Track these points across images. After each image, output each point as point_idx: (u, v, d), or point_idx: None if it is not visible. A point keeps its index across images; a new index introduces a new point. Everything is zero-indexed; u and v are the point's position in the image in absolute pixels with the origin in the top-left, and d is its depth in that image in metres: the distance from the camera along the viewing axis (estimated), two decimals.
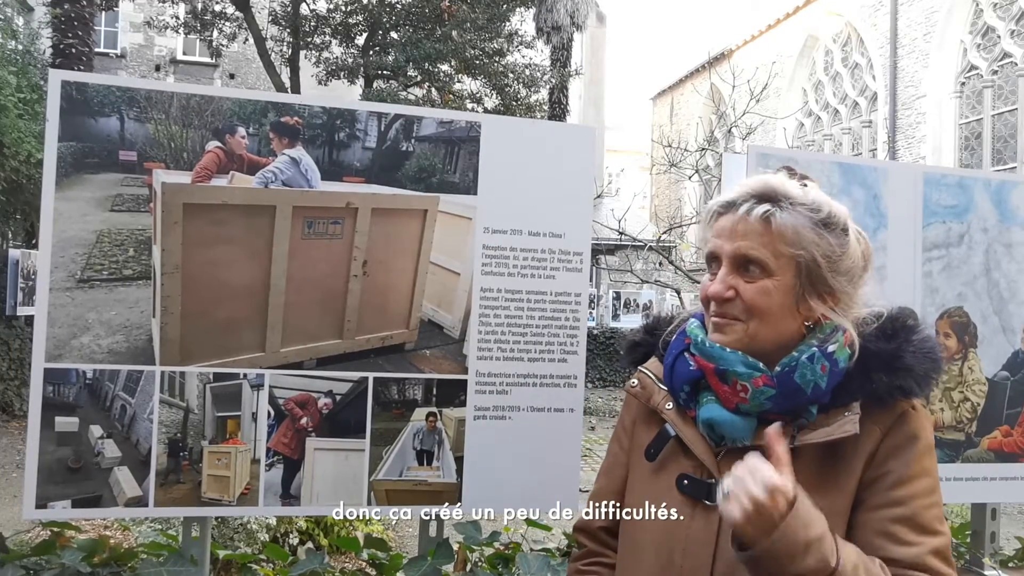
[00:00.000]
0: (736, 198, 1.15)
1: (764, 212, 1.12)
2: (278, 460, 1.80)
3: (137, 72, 20.04)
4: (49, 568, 1.74)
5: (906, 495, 1.09)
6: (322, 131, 1.85)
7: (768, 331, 1.13)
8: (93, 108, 1.73)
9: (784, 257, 1.11)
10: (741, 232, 1.13)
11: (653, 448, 1.23)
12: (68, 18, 8.77)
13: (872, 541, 1.07)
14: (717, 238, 1.16)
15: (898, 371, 1.12)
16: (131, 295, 1.73)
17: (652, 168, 17.86)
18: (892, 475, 1.10)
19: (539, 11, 15.85)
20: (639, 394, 1.29)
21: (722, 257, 1.15)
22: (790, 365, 1.11)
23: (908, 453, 1.12)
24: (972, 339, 2.22)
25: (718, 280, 1.14)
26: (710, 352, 1.15)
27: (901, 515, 1.08)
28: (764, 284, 1.12)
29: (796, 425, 1.12)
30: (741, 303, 1.12)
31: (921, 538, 1.07)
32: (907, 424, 1.13)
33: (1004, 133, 12.85)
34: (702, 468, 1.17)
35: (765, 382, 1.10)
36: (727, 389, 1.13)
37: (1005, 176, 2.43)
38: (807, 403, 1.11)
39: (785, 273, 1.12)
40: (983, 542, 2.32)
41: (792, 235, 1.11)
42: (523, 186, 1.95)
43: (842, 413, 1.11)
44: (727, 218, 1.15)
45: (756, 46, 18.72)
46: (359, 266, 1.84)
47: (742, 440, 1.13)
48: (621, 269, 9.77)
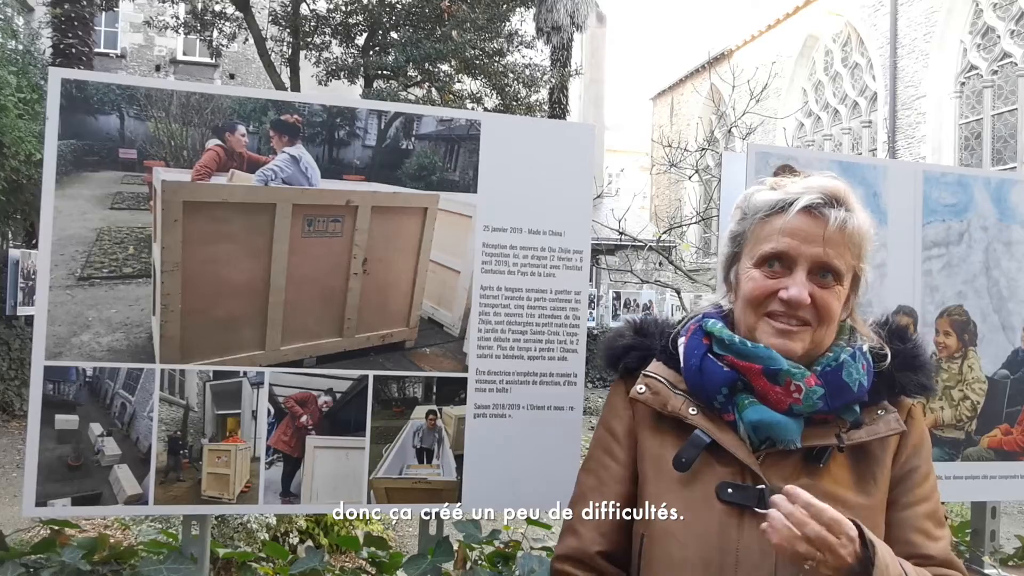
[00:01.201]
0: (812, 201, 1.09)
1: (843, 219, 1.09)
2: (278, 458, 1.80)
3: (137, 72, 20.04)
4: (49, 566, 1.74)
5: (929, 490, 1.15)
6: (322, 129, 1.85)
7: (828, 337, 1.13)
8: (93, 106, 1.73)
9: (850, 265, 1.12)
10: (825, 238, 1.09)
11: (684, 457, 1.13)
12: (68, 18, 8.78)
13: (911, 539, 1.11)
14: (790, 238, 1.10)
15: (920, 369, 1.17)
16: (131, 293, 1.73)
17: (652, 168, 17.86)
18: (917, 472, 1.14)
19: (539, 11, 15.85)
20: (651, 400, 1.19)
21: (798, 260, 1.10)
22: (831, 364, 1.10)
23: (924, 450, 1.17)
24: (972, 337, 2.22)
25: (798, 284, 1.09)
26: (754, 352, 1.10)
27: (929, 511, 1.13)
28: (837, 290, 1.11)
29: (839, 424, 1.12)
30: (813, 309, 1.10)
31: (942, 531, 1.13)
32: (916, 421, 1.18)
33: (1004, 133, 12.85)
34: (743, 474, 1.11)
35: (816, 381, 1.09)
36: (779, 390, 1.09)
37: (1005, 174, 2.43)
38: (853, 401, 1.11)
39: (846, 280, 1.13)
40: (983, 541, 2.32)
41: (859, 245, 1.12)
42: (523, 184, 1.95)
43: (876, 411, 1.13)
44: (800, 219, 1.10)
45: (756, 46, 18.72)
46: (359, 264, 1.84)
47: (793, 443, 1.09)
48: (621, 269, 9.76)
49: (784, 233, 1.10)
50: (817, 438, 1.10)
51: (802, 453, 1.10)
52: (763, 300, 1.11)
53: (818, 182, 1.12)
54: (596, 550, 1.23)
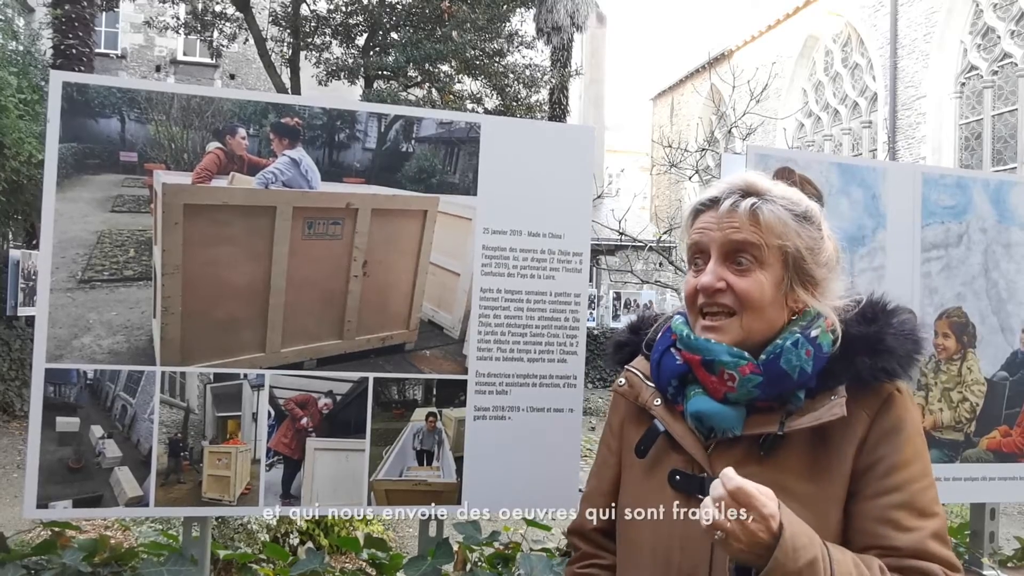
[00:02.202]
0: (719, 194, 1.16)
1: (752, 204, 1.12)
2: (278, 460, 1.81)
3: (137, 73, 20.06)
4: (50, 567, 1.75)
5: (902, 480, 1.09)
6: (322, 132, 1.85)
7: (761, 324, 1.13)
8: (94, 109, 1.73)
9: (773, 248, 1.12)
10: (729, 223, 1.13)
11: (643, 445, 1.22)
12: (69, 19, 8.79)
13: (873, 529, 1.07)
14: (704, 230, 1.15)
15: (880, 353, 1.12)
16: (132, 295, 1.74)
17: (652, 168, 17.85)
18: (885, 461, 1.10)
19: (539, 12, 15.87)
20: (627, 393, 1.28)
21: (711, 247, 1.14)
22: (775, 352, 1.11)
23: (898, 437, 1.11)
24: (971, 339, 2.22)
25: (708, 271, 1.13)
26: (695, 344, 1.14)
27: (900, 501, 1.08)
28: (756, 276, 1.12)
29: (785, 411, 1.12)
30: (732, 295, 1.12)
31: (920, 522, 1.07)
32: (894, 408, 1.12)
33: (1004, 133, 12.85)
34: (693, 463, 1.16)
35: (752, 370, 1.10)
36: (714, 380, 1.12)
37: (1003, 176, 2.44)
38: (794, 388, 1.11)
39: (775, 264, 1.13)
40: (982, 542, 2.32)
41: (780, 226, 1.12)
42: (523, 186, 1.95)
43: (828, 397, 1.11)
44: (711, 214, 1.15)
45: (756, 46, 18.73)
46: (359, 266, 1.85)
47: (732, 431, 1.13)
48: (621, 269, 9.77)
49: (696, 229, 1.17)
50: (760, 426, 1.12)
51: (749, 441, 1.12)
52: (692, 297, 1.16)
53: (732, 177, 1.18)
54: (592, 527, 1.35)
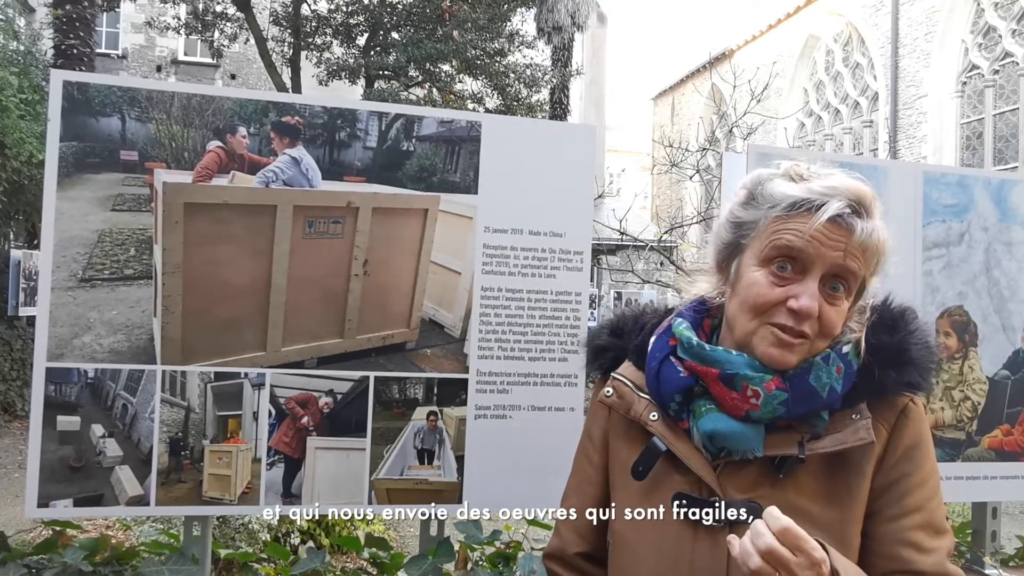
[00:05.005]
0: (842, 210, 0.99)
1: (870, 230, 0.99)
2: (279, 459, 1.81)
3: (138, 73, 20.06)
4: (51, 567, 1.75)
5: (923, 499, 1.03)
6: (323, 131, 1.85)
7: (821, 349, 1.03)
8: (94, 108, 1.73)
9: (861, 277, 1.03)
10: (836, 242, 0.98)
11: (641, 465, 1.08)
12: (69, 19, 8.78)
13: (897, 553, 1.01)
14: (809, 238, 0.98)
15: (904, 366, 1.04)
16: (132, 294, 1.74)
17: (653, 168, 17.87)
18: (906, 480, 1.03)
19: (540, 11, 15.84)
20: (616, 404, 1.14)
21: (814, 263, 0.99)
22: (805, 367, 1.00)
23: (918, 452, 1.05)
24: (972, 338, 2.22)
25: (808, 293, 0.98)
26: (712, 356, 1.03)
27: (921, 521, 1.02)
28: (842, 306, 1.01)
29: (805, 432, 1.02)
30: (817, 323, 1.00)
31: (938, 542, 1.02)
32: (911, 421, 1.05)
33: (1005, 132, 12.83)
34: (699, 485, 1.05)
35: (778, 385, 0.99)
36: (735, 396, 1.00)
37: (1005, 175, 2.43)
38: (821, 408, 1.02)
39: (853, 292, 1.03)
40: (984, 541, 2.32)
41: (876, 260, 1.02)
42: (524, 185, 1.95)
43: (850, 416, 1.02)
44: (810, 217, 0.99)
45: (757, 46, 18.71)
46: (360, 265, 1.84)
47: (752, 452, 1.02)
48: (622, 269, 9.75)
49: (790, 228, 1.00)
50: (778, 447, 1.02)
51: (762, 462, 1.02)
52: (767, 308, 1.01)
53: (845, 184, 1.01)
54: (575, 551, 1.21)
